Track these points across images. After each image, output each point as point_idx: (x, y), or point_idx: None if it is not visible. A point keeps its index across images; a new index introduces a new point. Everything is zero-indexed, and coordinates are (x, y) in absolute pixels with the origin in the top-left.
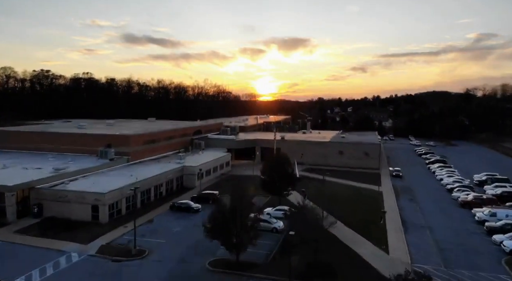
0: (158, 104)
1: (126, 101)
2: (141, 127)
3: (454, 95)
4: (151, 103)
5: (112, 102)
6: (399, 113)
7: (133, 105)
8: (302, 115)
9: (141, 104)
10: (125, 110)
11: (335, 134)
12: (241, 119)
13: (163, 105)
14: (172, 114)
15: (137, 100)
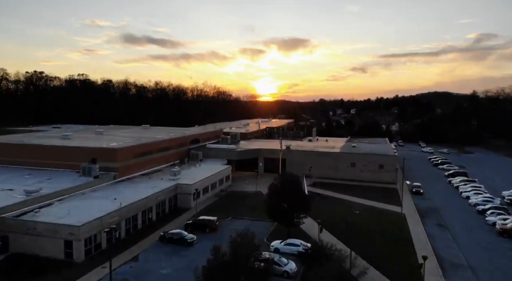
0: (156, 107)
1: (124, 103)
2: (132, 137)
3: (455, 96)
4: (149, 105)
5: (109, 105)
6: (404, 116)
7: (131, 107)
8: (305, 117)
9: (139, 106)
10: (122, 113)
11: (344, 143)
12: (241, 124)
13: (161, 107)
14: (171, 116)
15: (135, 103)
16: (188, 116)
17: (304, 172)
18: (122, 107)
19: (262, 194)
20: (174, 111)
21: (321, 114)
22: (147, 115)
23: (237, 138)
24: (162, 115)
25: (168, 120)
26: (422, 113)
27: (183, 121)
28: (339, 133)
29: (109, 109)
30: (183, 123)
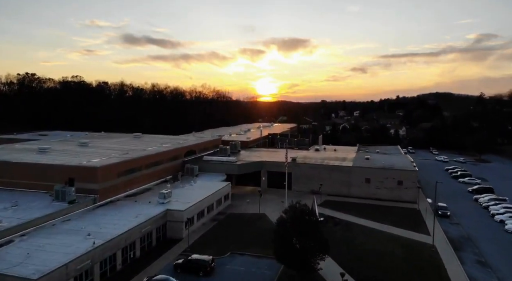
0: (153, 109)
1: (120, 106)
2: (119, 149)
3: (457, 97)
4: (146, 108)
5: (104, 108)
6: (411, 119)
7: (127, 110)
8: (307, 120)
9: (135, 109)
10: (118, 116)
11: (355, 154)
12: (242, 130)
13: (158, 110)
14: (168, 120)
15: (131, 105)
16: (186, 119)
17: (312, 188)
18: (118, 110)
19: (266, 218)
20: (171, 114)
21: (323, 117)
22: (143, 119)
23: (237, 148)
24: (159, 119)
25: (165, 123)
26: (429, 116)
27: (181, 124)
28: (345, 139)
29: (105, 113)
30: (181, 127)
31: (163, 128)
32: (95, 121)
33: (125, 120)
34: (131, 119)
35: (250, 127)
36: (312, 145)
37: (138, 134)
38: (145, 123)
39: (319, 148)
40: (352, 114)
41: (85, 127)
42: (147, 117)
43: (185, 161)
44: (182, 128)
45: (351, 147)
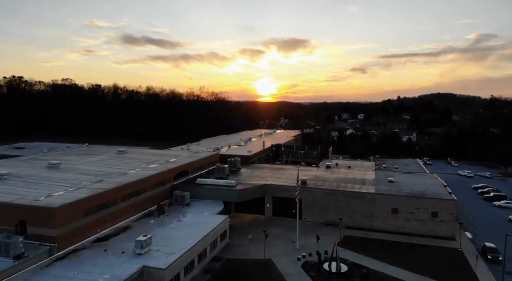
0: (148, 114)
1: (113, 111)
2: (94, 173)
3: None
4: (140, 112)
5: (96, 112)
6: (419, 124)
7: (121, 114)
8: (310, 124)
9: (130, 113)
10: (111, 121)
11: (373, 172)
12: (242, 139)
13: (154, 115)
14: (164, 125)
15: (125, 109)
16: (183, 125)
17: (327, 218)
18: (111, 114)
19: (274, 268)
20: (168, 119)
21: (326, 120)
22: (138, 124)
23: (237, 165)
24: (154, 124)
25: (161, 129)
26: (439, 121)
27: (178, 130)
28: (354, 147)
29: (97, 117)
30: (178, 133)
31: (159, 134)
32: (86, 127)
33: (119, 125)
34: (125, 124)
35: (251, 135)
36: (321, 159)
37: (122, 149)
38: (140, 128)
39: (331, 164)
40: (356, 117)
41: (75, 133)
42: (142, 122)
43: (174, 185)
44: (179, 134)
45: (366, 163)
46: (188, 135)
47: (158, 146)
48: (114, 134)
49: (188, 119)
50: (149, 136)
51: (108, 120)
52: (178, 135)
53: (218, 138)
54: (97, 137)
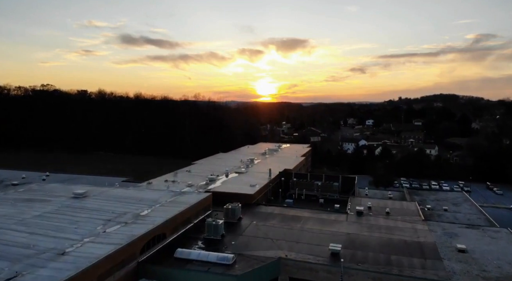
0: (138, 122)
1: (99, 118)
2: (9, 255)
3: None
4: (129, 120)
5: (80, 122)
6: (436, 132)
7: (107, 124)
8: (315, 131)
9: (117, 123)
10: (95, 131)
11: (426, 228)
12: (243, 161)
13: (143, 124)
14: (155, 137)
15: (112, 118)
16: (177, 135)
17: None
18: (96, 124)
19: None
20: (159, 130)
21: (332, 126)
22: (125, 135)
23: (237, 215)
24: (143, 135)
25: (151, 141)
26: (457, 129)
27: (170, 142)
28: (375, 167)
29: (80, 127)
30: (170, 147)
31: (149, 146)
32: (68, 137)
33: (105, 135)
34: (111, 134)
35: (253, 153)
36: (343, 192)
37: (81, 192)
38: (127, 140)
39: (363, 210)
40: (363, 122)
41: (55, 144)
42: (129, 133)
43: (142, 262)
44: (172, 146)
45: (408, 205)
46: (181, 148)
47: (145, 163)
48: (98, 145)
49: (183, 129)
50: (137, 149)
51: (93, 130)
52: (170, 147)
53: (215, 158)
54: (79, 149)
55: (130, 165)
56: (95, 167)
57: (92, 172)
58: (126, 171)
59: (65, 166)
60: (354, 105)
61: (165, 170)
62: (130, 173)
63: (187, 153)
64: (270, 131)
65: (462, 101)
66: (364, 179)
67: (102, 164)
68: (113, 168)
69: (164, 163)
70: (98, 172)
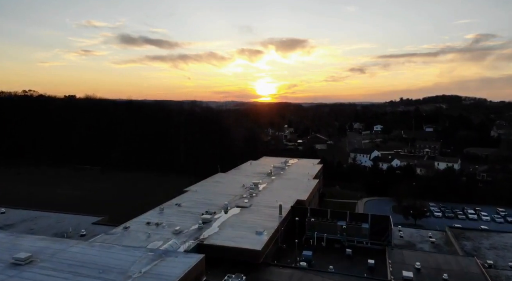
0: (127, 133)
1: (86, 127)
2: None
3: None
4: (120, 130)
5: (67, 129)
6: (452, 141)
7: (94, 136)
8: (321, 138)
9: (105, 133)
10: (81, 142)
11: None
12: (245, 188)
13: (134, 135)
14: (146, 147)
15: (103, 127)
16: (170, 146)
17: None
18: (84, 133)
19: None
20: (150, 140)
21: (338, 131)
22: (113, 147)
23: None
24: (133, 147)
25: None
26: (476, 138)
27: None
28: (394, 188)
29: (63, 137)
30: (162, 162)
31: (138, 161)
32: (52, 148)
33: (91, 147)
34: (98, 145)
35: (256, 172)
36: (374, 235)
37: (23, 258)
38: (115, 153)
39: (412, 278)
40: (371, 127)
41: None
42: (117, 145)
43: None
44: (164, 161)
45: (465, 262)
46: (176, 161)
47: (133, 182)
48: (84, 158)
49: (177, 139)
50: (126, 163)
51: (78, 141)
52: (164, 160)
53: (212, 181)
54: (62, 162)
55: (115, 187)
56: (74, 189)
57: (67, 199)
58: (106, 198)
59: (37, 190)
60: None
61: (154, 193)
62: (111, 197)
63: (182, 166)
64: (273, 138)
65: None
66: (385, 203)
67: (82, 184)
68: (93, 189)
69: (155, 181)
70: (73, 199)
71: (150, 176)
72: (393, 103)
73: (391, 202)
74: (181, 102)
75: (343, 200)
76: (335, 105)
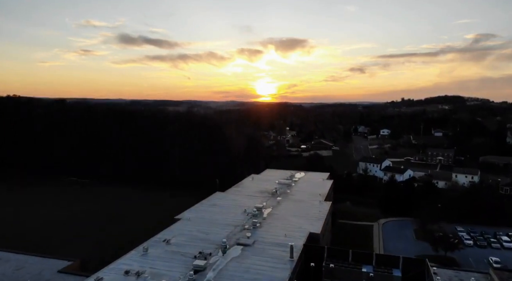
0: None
1: (76, 135)
2: None
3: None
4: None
5: (55, 137)
6: (467, 148)
7: (87, 138)
8: (326, 144)
9: (96, 137)
10: (74, 148)
11: None
12: (247, 212)
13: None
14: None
15: (93, 135)
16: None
17: None
18: (69, 142)
19: None
20: (144, 154)
21: (344, 136)
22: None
23: None
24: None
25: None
26: (492, 145)
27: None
28: (422, 215)
29: (49, 146)
30: (153, 173)
31: (127, 176)
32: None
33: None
34: (88, 155)
35: (260, 192)
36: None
37: None
38: (104, 165)
39: None
40: (377, 131)
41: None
42: (107, 157)
43: None
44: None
45: None
46: (170, 174)
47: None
48: (71, 169)
49: (172, 149)
50: (115, 176)
51: (66, 149)
52: (157, 172)
53: (209, 205)
54: (46, 173)
55: (101, 207)
56: (54, 208)
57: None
58: (87, 223)
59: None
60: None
61: (144, 217)
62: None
63: (177, 179)
64: (275, 143)
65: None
66: (406, 225)
67: (64, 202)
68: (75, 210)
69: (147, 200)
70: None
71: (142, 192)
72: (394, 103)
73: (411, 223)
74: (180, 102)
75: (357, 222)
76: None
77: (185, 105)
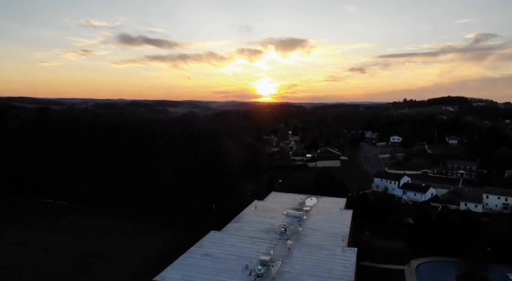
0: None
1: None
2: None
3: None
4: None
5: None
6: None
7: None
8: (334, 152)
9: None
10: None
11: None
12: (249, 267)
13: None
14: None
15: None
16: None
17: None
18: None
19: None
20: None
21: (351, 143)
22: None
23: None
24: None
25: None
26: None
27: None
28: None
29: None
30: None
31: (110, 200)
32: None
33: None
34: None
35: (265, 229)
36: None
37: None
38: (84, 186)
39: None
40: (386, 138)
41: None
42: (89, 176)
43: None
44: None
45: None
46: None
47: (99, 231)
48: (48, 190)
49: (164, 169)
50: (97, 198)
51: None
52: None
53: (198, 259)
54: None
55: (70, 243)
56: (16, 243)
57: None
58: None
59: None
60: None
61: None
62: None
63: (168, 204)
64: (279, 151)
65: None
66: (445, 270)
67: (31, 234)
68: (38, 247)
69: (128, 236)
70: None
71: (126, 221)
72: (396, 104)
73: (451, 265)
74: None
75: (384, 264)
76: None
77: (185, 105)
